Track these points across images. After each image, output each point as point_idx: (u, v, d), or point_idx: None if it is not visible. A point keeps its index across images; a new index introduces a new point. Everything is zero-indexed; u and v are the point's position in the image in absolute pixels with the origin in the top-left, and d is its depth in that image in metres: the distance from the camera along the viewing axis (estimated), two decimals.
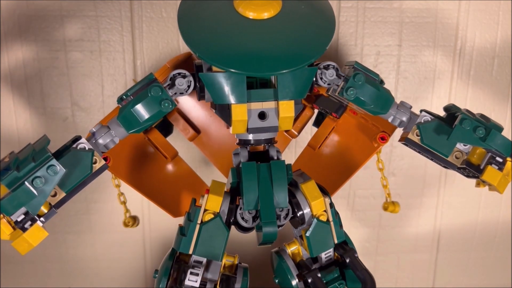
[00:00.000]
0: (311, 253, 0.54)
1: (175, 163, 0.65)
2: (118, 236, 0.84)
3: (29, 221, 0.48)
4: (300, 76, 0.51)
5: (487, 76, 0.81)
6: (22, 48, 0.74)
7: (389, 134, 0.62)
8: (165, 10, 0.75)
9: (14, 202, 0.46)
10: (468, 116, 0.54)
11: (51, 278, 0.85)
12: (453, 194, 0.87)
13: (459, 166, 0.57)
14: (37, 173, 0.47)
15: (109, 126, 0.52)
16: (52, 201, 0.50)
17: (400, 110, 0.56)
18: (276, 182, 0.52)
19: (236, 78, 0.49)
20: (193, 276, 0.52)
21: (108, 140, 0.52)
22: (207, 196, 0.53)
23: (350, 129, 0.65)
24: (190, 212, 0.54)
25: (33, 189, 0.46)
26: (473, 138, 0.53)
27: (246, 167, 0.52)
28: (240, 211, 0.53)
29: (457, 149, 0.57)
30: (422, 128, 0.55)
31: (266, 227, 0.51)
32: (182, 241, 0.53)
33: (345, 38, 0.77)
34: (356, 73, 0.53)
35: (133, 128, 0.51)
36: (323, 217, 0.54)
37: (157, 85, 0.50)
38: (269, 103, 0.51)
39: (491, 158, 0.56)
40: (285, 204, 0.52)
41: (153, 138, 0.63)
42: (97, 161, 0.51)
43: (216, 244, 0.52)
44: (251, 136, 0.54)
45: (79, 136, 0.52)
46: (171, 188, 0.65)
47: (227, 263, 0.56)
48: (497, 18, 0.78)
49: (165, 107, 0.50)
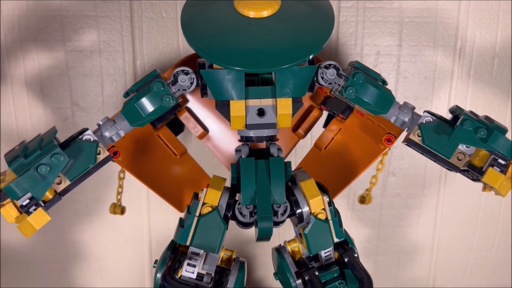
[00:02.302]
0: (310, 251, 0.55)
1: (184, 159, 0.66)
2: (118, 236, 0.84)
3: (33, 206, 0.51)
4: (298, 74, 0.52)
5: (487, 76, 0.81)
6: (22, 48, 0.74)
7: (396, 136, 0.62)
8: (165, 10, 0.75)
9: (20, 187, 0.49)
10: (469, 117, 0.53)
11: (51, 278, 0.85)
12: (453, 194, 0.87)
13: (461, 168, 0.56)
14: (42, 160, 0.50)
15: (114, 119, 0.55)
16: (57, 189, 0.53)
17: (403, 110, 0.56)
18: (274, 178, 0.53)
19: (234, 75, 0.51)
20: (190, 267, 0.53)
21: (114, 133, 0.54)
22: (206, 190, 0.54)
23: (357, 131, 0.65)
24: (190, 205, 0.55)
25: (38, 175, 0.49)
26: (474, 139, 0.53)
27: (244, 162, 0.54)
28: (238, 206, 0.54)
29: (460, 150, 0.56)
30: (424, 128, 0.55)
31: (261, 222, 0.52)
32: (180, 232, 0.54)
33: (345, 38, 0.77)
34: (355, 72, 0.53)
35: (136, 122, 0.53)
36: (322, 215, 0.54)
37: (159, 81, 0.52)
38: (267, 100, 0.52)
39: (494, 160, 0.55)
40: (282, 201, 0.53)
41: (162, 134, 0.64)
42: (101, 152, 0.54)
43: (213, 237, 0.53)
44: (252, 133, 0.55)
45: (86, 128, 0.54)
46: (178, 184, 0.66)
47: (224, 256, 0.57)
48: (497, 18, 0.78)
49: (166, 102, 0.52)
